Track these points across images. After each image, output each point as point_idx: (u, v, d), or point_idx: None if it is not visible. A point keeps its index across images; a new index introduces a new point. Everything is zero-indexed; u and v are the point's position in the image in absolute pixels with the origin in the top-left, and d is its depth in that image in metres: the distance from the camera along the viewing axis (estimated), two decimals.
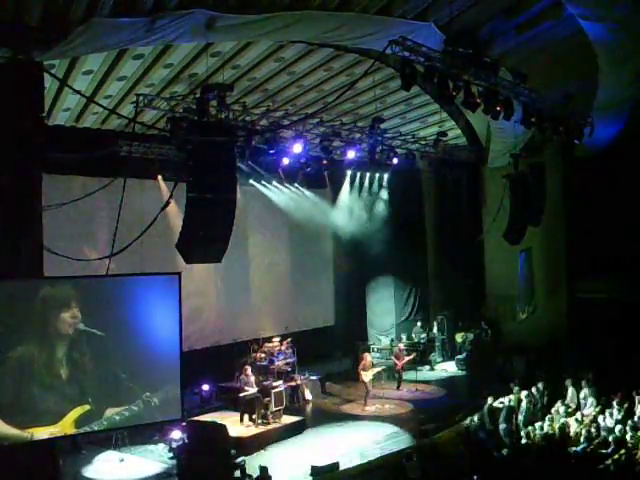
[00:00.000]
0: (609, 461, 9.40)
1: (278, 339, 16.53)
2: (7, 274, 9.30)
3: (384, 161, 16.65)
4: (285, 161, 16.01)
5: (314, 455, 12.00)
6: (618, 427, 10.89)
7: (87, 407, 10.11)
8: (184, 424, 12.09)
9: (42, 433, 9.68)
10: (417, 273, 21.76)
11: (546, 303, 18.94)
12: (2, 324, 9.44)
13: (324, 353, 18.87)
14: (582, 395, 13.44)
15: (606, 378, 13.70)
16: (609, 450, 9.98)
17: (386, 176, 20.80)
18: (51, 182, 11.18)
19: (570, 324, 18.46)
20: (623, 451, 9.73)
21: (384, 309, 21.45)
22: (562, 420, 11.81)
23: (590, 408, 13.03)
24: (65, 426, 9.95)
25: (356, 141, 16.38)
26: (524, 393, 13.07)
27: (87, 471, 11.51)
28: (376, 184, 20.92)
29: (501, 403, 12.95)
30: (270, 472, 10.24)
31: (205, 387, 15.57)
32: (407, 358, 16.73)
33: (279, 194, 19.77)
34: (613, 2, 11.09)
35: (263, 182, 18.98)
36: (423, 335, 20.12)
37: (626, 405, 12.17)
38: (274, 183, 19.33)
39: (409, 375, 17.30)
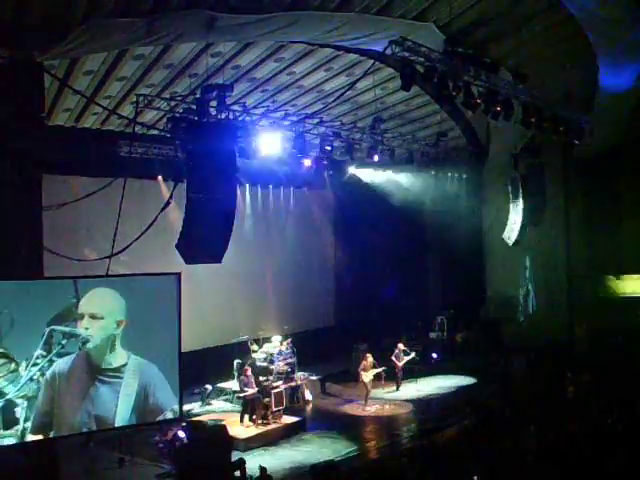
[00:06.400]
0: None
1: (278, 339, 16.52)
2: (7, 274, 9.31)
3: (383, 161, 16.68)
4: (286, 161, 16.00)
5: (314, 455, 12.00)
6: None
7: None
8: (184, 424, 12.08)
9: None
10: (417, 273, 21.76)
11: (546, 303, 18.96)
12: None
13: (324, 353, 18.86)
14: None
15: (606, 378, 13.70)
16: None
17: (386, 176, 20.79)
18: (51, 182, 11.19)
19: (570, 324, 18.48)
20: None
21: None
22: None
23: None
24: None
25: (356, 141, 16.39)
26: None
27: (87, 472, 11.49)
28: (376, 185, 20.90)
29: None
30: (270, 472, 10.23)
31: (206, 387, 15.57)
32: (406, 359, 16.70)
33: (279, 194, 19.77)
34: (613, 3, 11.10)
35: (263, 182, 18.97)
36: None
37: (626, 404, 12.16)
38: (274, 183, 19.32)
39: (409, 376, 17.28)
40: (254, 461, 11.34)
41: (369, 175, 20.60)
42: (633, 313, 16.72)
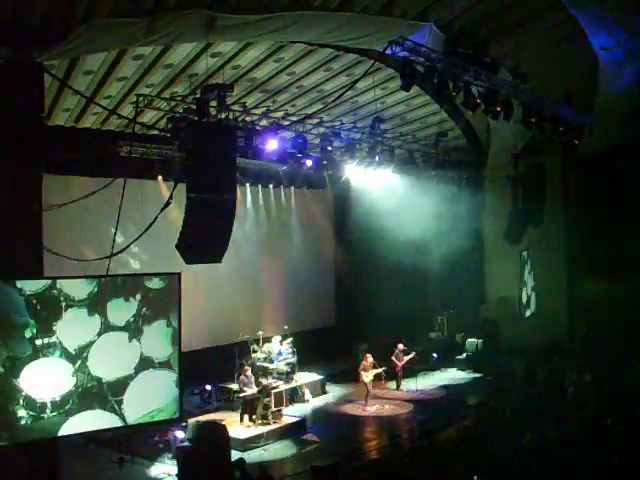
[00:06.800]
0: None
1: (278, 339, 16.52)
2: (7, 274, 9.31)
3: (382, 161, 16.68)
4: (285, 161, 15.98)
5: (314, 455, 12.00)
6: None
7: None
8: (184, 424, 12.09)
9: None
10: (417, 273, 21.73)
11: (546, 303, 18.95)
12: None
13: (324, 353, 18.87)
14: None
15: (606, 378, 13.69)
16: None
17: (386, 176, 20.78)
18: (51, 182, 11.19)
19: (570, 324, 18.47)
20: None
21: None
22: None
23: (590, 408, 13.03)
24: None
25: (356, 141, 16.39)
26: None
27: (87, 472, 11.50)
28: (376, 185, 20.88)
29: None
30: (270, 473, 10.24)
31: (206, 387, 15.58)
32: (406, 358, 16.72)
33: (279, 194, 19.78)
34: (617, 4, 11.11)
35: (263, 182, 18.98)
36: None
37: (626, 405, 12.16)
38: (274, 183, 19.32)
39: (409, 376, 17.30)
40: (254, 461, 11.36)
41: (369, 175, 20.59)
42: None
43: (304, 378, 16.19)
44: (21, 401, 9.71)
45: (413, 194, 21.65)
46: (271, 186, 19.50)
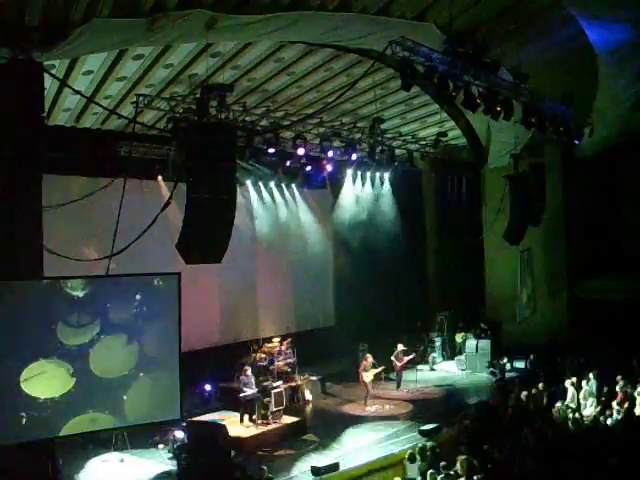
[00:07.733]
0: None
1: (278, 339, 16.51)
2: (7, 274, 9.31)
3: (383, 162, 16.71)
4: (285, 161, 16.01)
5: (314, 455, 12.00)
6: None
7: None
8: (184, 424, 12.09)
9: None
10: (417, 273, 21.76)
11: (546, 303, 18.97)
12: None
13: (324, 353, 18.86)
14: (582, 395, 13.45)
15: (606, 378, 13.70)
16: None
17: (387, 176, 20.83)
18: (51, 182, 11.18)
19: (570, 324, 18.49)
20: None
21: None
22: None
23: (591, 408, 13.04)
24: None
25: (356, 141, 16.40)
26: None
27: (87, 472, 11.50)
28: (376, 185, 20.92)
29: None
30: (270, 473, 10.24)
31: (206, 387, 15.57)
32: (406, 359, 16.71)
33: (279, 194, 19.77)
34: (617, 3, 11.11)
35: (263, 182, 18.98)
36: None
37: (626, 405, 12.17)
38: (274, 183, 19.33)
39: (409, 376, 17.30)
40: (254, 461, 11.36)
41: (368, 175, 20.63)
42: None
43: (304, 378, 16.18)
44: (21, 401, 9.71)
45: (413, 194, 21.73)
46: (271, 185, 19.50)
